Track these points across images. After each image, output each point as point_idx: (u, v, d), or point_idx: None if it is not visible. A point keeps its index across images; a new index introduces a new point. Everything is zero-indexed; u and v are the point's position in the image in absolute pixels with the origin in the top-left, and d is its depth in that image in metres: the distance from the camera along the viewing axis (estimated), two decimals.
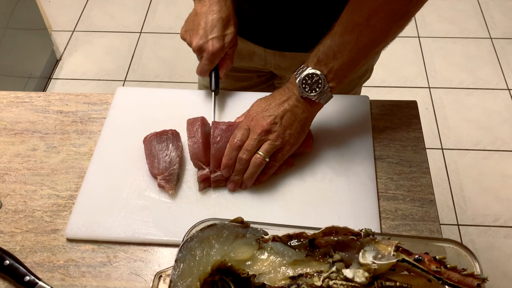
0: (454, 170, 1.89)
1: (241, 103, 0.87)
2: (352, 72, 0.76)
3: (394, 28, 0.74)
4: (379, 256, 0.57)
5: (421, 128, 0.87)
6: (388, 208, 0.77)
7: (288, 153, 0.77)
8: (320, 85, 0.74)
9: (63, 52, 2.33)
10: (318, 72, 0.74)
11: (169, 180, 0.77)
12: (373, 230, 0.60)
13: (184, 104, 0.89)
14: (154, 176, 0.79)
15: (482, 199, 1.81)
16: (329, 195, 0.77)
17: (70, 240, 0.74)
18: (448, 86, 2.16)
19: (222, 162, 0.76)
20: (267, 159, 0.75)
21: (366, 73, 1.08)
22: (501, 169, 1.88)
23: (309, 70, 0.74)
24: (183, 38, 0.87)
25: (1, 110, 0.91)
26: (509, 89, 2.14)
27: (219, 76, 0.88)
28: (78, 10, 2.53)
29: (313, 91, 0.74)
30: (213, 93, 0.88)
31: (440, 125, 2.02)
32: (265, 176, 0.77)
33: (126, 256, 0.73)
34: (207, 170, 0.78)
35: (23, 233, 0.75)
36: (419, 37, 2.33)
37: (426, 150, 0.83)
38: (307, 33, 0.93)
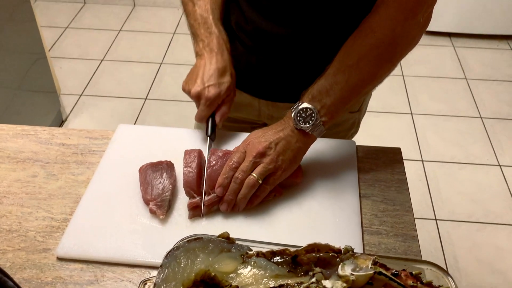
0: (448, 241, 1.89)
1: (237, 143, 0.91)
2: (343, 109, 0.83)
3: (381, 71, 0.83)
4: (357, 268, 0.59)
5: (404, 172, 0.91)
6: (372, 241, 0.79)
7: (279, 178, 0.81)
8: (313, 118, 0.81)
9: (69, 114, 2.43)
10: (311, 106, 0.81)
11: (160, 206, 0.80)
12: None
13: (182, 141, 0.94)
14: (147, 202, 0.82)
15: (477, 271, 1.79)
16: (314, 227, 0.80)
17: (60, 259, 0.76)
18: (440, 160, 2.22)
19: (218, 181, 0.81)
20: (260, 181, 0.80)
21: (353, 127, 1.14)
22: (495, 242, 1.89)
23: (304, 105, 0.82)
24: (183, 89, 0.93)
25: (7, 140, 0.96)
26: (500, 165, 2.19)
27: (216, 123, 0.92)
28: (88, 76, 2.66)
29: (307, 123, 0.81)
30: (208, 138, 0.92)
31: (434, 197, 2.05)
32: (257, 199, 0.81)
33: (114, 276, 0.74)
34: (197, 198, 0.81)
35: (15, 251, 0.77)
36: (412, 113, 2.44)
37: (420, 219, 0.87)
38: (300, 85, 1.00)
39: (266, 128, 0.85)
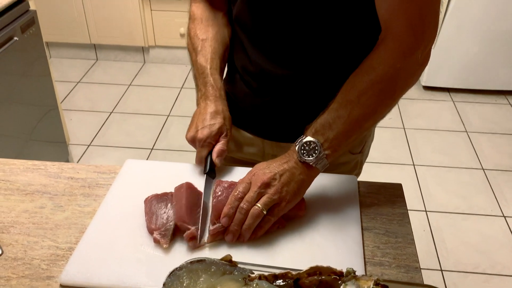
0: None
1: (241, 176, 0.93)
2: (345, 143, 0.86)
3: (382, 106, 0.86)
4: None
5: (406, 206, 0.92)
6: (374, 272, 0.79)
7: (283, 209, 0.82)
8: (316, 151, 0.83)
9: (77, 163, 2.47)
10: (315, 140, 0.84)
11: (164, 235, 0.81)
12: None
13: (187, 175, 0.96)
14: (151, 231, 0.83)
15: None
16: (317, 258, 0.80)
17: (63, 286, 0.76)
18: (444, 211, 2.21)
19: (223, 211, 0.82)
20: (265, 212, 0.81)
21: (356, 168, 1.16)
22: None
23: (307, 138, 0.84)
24: (186, 139, 0.97)
25: (17, 174, 0.99)
26: (504, 216, 2.18)
27: (214, 163, 0.94)
28: (97, 127, 2.73)
29: (311, 156, 0.83)
30: (205, 175, 0.94)
31: (438, 247, 2.03)
32: (261, 230, 0.82)
33: None
34: (193, 228, 0.81)
35: (19, 278, 0.77)
36: (414, 165, 2.46)
37: (425, 270, 0.87)
38: (301, 125, 1.04)
39: (270, 160, 0.87)
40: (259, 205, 0.81)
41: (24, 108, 2.08)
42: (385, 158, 2.45)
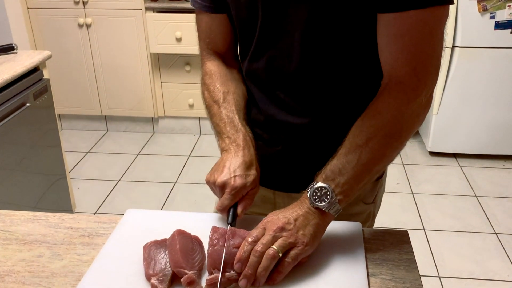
0: None
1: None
2: (356, 187, 0.85)
3: (390, 149, 0.87)
4: None
5: (412, 252, 0.89)
6: None
7: (302, 253, 0.81)
8: (328, 196, 0.83)
9: None
10: (326, 185, 0.84)
11: (162, 280, 0.79)
12: None
13: (187, 224, 0.95)
14: (149, 277, 0.80)
15: None
16: None
17: None
18: (458, 276, 2.12)
19: (236, 256, 0.80)
20: (280, 254, 0.79)
21: (369, 220, 1.13)
22: None
23: (318, 184, 0.84)
24: (208, 180, 0.94)
25: (18, 224, 0.98)
26: None
27: (237, 214, 0.92)
28: (104, 195, 2.73)
29: (323, 201, 0.83)
30: (228, 226, 0.91)
31: None
32: (279, 275, 0.79)
33: None
34: (190, 273, 0.79)
35: None
36: (424, 229, 2.40)
37: None
38: (313, 175, 1.04)
39: (283, 209, 0.87)
40: (274, 247, 0.79)
41: (33, 177, 2.10)
42: (394, 223, 2.40)
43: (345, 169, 0.84)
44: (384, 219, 2.33)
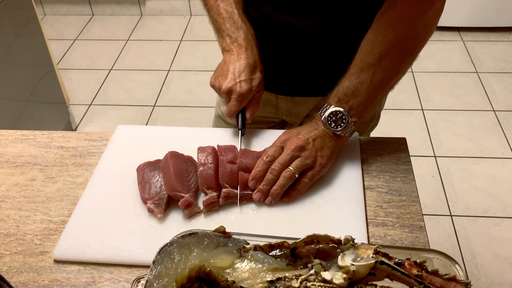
0: (464, 237, 1.84)
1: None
2: (370, 107, 0.84)
3: (404, 65, 0.83)
4: (358, 259, 0.56)
5: (410, 162, 0.88)
6: (377, 233, 0.76)
7: (318, 174, 0.81)
8: (344, 121, 0.82)
9: (79, 123, 2.44)
10: (341, 109, 0.82)
11: (158, 204, 0.79)
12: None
13: (179, 140, 0.93)
14: (145, 201, 0.80)
15: (495, 266, 1.74)
16: (317, 220, 0.77)
17: (57, 262, 0.74)
18: (453, 155, 2.17)
19: (251, 174, 0.81)
20: (297, 175, 0.79)
21: (373, 119, 1.11)
22: None
23: (333, 108, 0.82)
24: (213, 85, 0.91)
25: (6, 145, 0.96)
26: None
27: (245, 118, 0.91)
28: (97, 86, 2.68)
29: (339, 126, 0.82)
30: (239, 132, 0.90)
31: (448, 193, 2.00)
32: (297, 193, 0.80)
33: (111, 276, 0.72)
34: (187, 195, 0.78)
35: (12, 254, 0.76)
36: (422, 109, 2.39)
37: (435, 216, 0.84)
38: (317, 78, 0.99)
39: (298, 127, 0.86)
40: (291, 168, 0.80)
41: (20, 70, 2.03)
42: (392, 104, 2.38)
43: (359, 90, 0.82)
44: None
